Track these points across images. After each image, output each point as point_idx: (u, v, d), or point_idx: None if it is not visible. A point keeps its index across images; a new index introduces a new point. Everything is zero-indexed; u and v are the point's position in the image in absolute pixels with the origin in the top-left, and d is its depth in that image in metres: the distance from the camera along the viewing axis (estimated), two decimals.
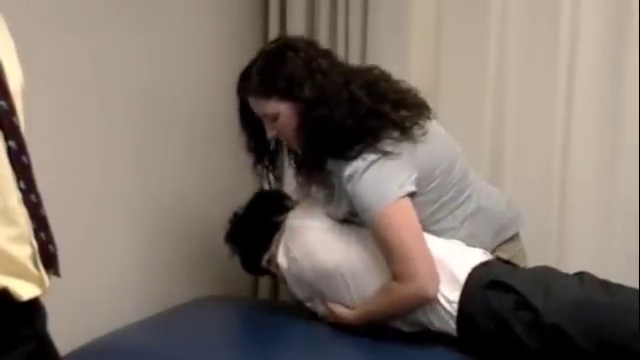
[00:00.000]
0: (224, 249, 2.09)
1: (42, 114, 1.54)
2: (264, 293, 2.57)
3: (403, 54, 2.35)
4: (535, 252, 2.05)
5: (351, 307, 1.86)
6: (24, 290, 1.11)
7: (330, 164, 1.85)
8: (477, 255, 1.83)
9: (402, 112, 1.84)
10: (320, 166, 1.88)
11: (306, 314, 1.97)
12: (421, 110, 1.88)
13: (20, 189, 1.11)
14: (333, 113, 1.79)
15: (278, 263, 1.98)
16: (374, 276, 1.82)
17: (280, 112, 1.84)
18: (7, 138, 1.10)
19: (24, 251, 1.11)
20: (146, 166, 2.12)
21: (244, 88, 1.89)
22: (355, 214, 1.84)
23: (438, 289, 1.73)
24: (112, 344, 1.83)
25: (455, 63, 2.36)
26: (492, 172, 2.30)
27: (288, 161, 2.12)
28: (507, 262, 1.87)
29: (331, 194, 1.91)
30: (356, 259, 1.86)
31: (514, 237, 2.01)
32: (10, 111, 1.11)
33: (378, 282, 1.81)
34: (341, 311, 1.88)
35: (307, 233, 1.93)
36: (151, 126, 2.13)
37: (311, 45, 1.92)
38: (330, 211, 1.94)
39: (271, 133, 1.89)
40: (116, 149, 2.01)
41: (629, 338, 1.57)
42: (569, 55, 2.22)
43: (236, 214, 2.09)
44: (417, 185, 1.79)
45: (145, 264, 2.13)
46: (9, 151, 1.10)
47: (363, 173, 1.77)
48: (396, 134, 1.80)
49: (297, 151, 1.97)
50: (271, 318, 2.03)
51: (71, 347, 1.74)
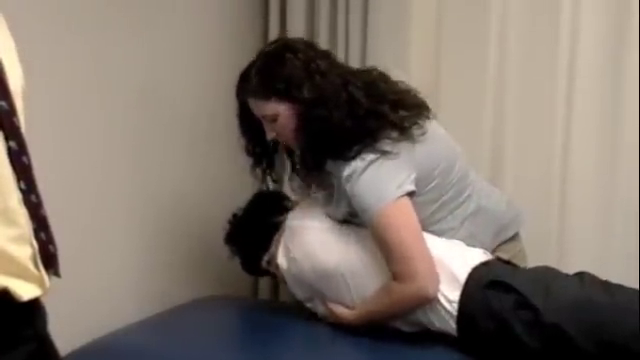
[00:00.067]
0: (224, 249, 2.09)
1: (42, 114, 1.54)
2: (264, 293, 2.57)
3: (403, 54, 2.35)
4: (535, 252, 2.05)
5: (351, 307, 1.86)
6: (24, 290, 1.11)
7: (329, 165, 1.85)
8: (477, 255, 1.83)
9: (401, 112, 1.84)
10: (319, 167, 1.88)
11: (306, 314, 1.97)
12: (420, 110, 1.88)
13: (20, 189, 1.11)
14: (332, 114, 1.79)
15: (278, 264, 1.98)
16: (374, 276, 1.82)
17: (279, 113, 1.84)
18: (7, 138, 1.09)
19: (24, 251, 1.11)
20: (146, 166, 2.12)
21: (243, 89, 1.89)
22: (355, 214, 1.84)
23: (438, 289, 1.73)
24: (112, 344, 1.83)
25: (455, 62, 2.35)
26: (492, 172, 2.30)
27: (286, 163, 2.12)
28: (507, 262, 1.87)
29: (330, 195, 1.91)
30: (356, 259, 1.86)
31: (514, 237, 2.01)
32: (10, 111, 1.11)
33: (378, 282, 1.81)
34: (341, 311, 1.88)
35: (307, 233, 1.93)
36: (151, 126, 2.13)
37: (310, 46, 1.92)
38: (330, 212, 1.93)
39: (270, 135, 1.89)
40: (116, 149, 2.01)
41: (629, 338, 1.57)
42: (569, 55, 2.22)
43: (235, 215, 2.09)
44: (416, 185, 1.79)
45: (145, 264, 2.13)
46: (9, 151, 1.10)
47: (362, 173, 1.77)
48: (395, 134, 1.80)
49: (296, 152, 1.97)
50: (271, 318, 2.03)
51: (71, 347, 1.74)
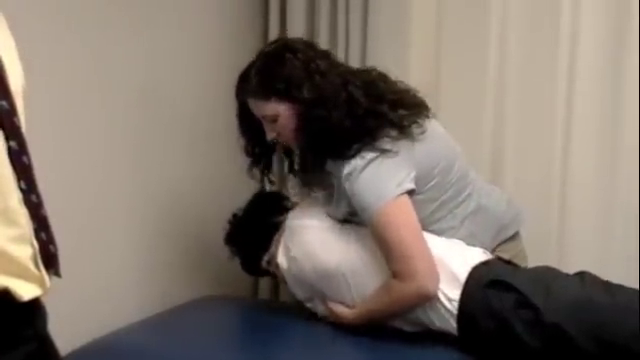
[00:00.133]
0: (224, 249, 2.09)
1: (43, 113, 1.54)
2: (264, 293, 2.57)
3: (403, 55, 2.35)
4: (535, 254, 2.05)
5: (352, 306, 1.86)
6: (25, 290, 1.11)
7: (329, 165, 1.85)
8: (477, 254, 1.83)
9: (400, 111, 1.84)
10: (320, 167, 1.88)
11: (306, 314, 1.97)
12: (420, 109, 1.88)
13: (21, 189, 1.11)
14: (331, 114, 1.79)
15: (278, 263, 1.98)
16: (374, 275, 1.82)
17: (279, 113, 1.84)
18: (8, 138, 1.09)
19: (25, 251, 1.12)
20: (146, 166, 2.12)
21: (243, 89, 1.89)
22: (355, 214, 1.84)
23: (438, 287, 1.73)
24: (112, 344, 1.83)
25: (455, 64, 2.35)
26: (492, 174, 2.29)
27: (285, 163, 2.12)
28: (508, 262, 1.87)
29: (330, 195, 1.91)
30: (356, 258, 1.86)
31: (515, 236, 2.01)
32: (11, 111, 1.11)
33: (378, 281, 1.81)
34: (341, 310, 1.88)
35: (307, 232, 1.93)
36: (151, 126, 2.13)
37: (310, 46, 1.92)
38: (330, 211, 1.94)
39: (271, 135, 1.89)
40: (116, 149, 2.01)
41: (629, 338, 1.57)
42: (569, 57, 2.21)
43: (235, 215, 2.09)
44: (416, 183, 1.79)
45: (145, 264, 2.13)
46: (10, 151, 1.10)
47: (361, 171, 1.77)
48: (394, 133, 1.80)
49: (296, 152, 1.97)
50: (271, 318, 2.03)
51: (72, 347, 1.74)
